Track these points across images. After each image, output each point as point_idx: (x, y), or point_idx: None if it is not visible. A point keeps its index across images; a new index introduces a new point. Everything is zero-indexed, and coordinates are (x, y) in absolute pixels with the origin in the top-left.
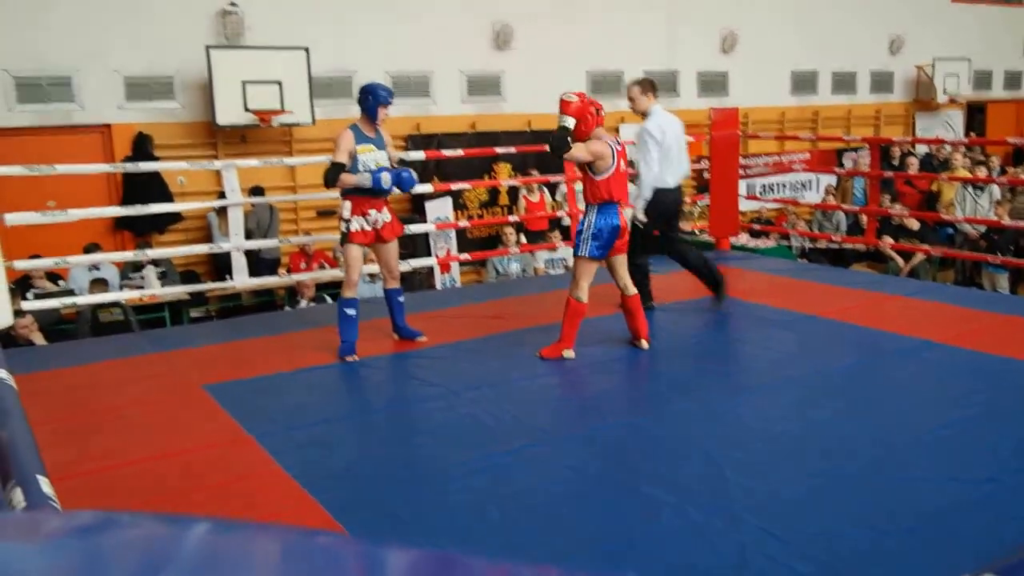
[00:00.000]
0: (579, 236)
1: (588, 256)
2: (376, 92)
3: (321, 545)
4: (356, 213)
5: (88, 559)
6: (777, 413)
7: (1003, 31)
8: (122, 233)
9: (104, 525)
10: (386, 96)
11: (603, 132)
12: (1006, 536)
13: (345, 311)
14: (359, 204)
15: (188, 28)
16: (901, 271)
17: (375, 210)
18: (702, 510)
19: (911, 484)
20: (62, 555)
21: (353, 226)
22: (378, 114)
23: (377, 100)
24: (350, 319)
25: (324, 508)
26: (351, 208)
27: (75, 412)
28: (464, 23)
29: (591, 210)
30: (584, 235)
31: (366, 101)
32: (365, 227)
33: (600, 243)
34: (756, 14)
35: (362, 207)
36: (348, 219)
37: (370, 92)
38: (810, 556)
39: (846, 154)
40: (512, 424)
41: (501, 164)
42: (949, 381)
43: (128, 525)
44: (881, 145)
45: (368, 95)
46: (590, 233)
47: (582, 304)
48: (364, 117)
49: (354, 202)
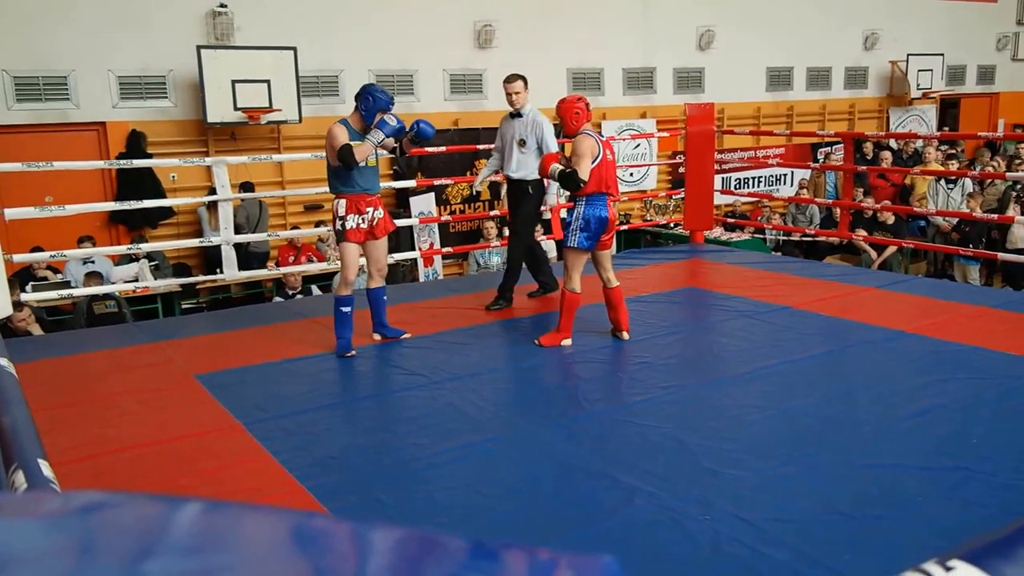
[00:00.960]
0: (568, 227)
1: (577, 247)
2: (378, 97)
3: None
4: (351, 211)
5: (85, 536)
6: (751, 402)
7: (976, 27)
8: (116, 227)
9: (100, 505)
10: (387, 102)
11: (589, 127)
12: (975, 522)
13: (341, 309)
14: (354, 201)
15: (180, 29)
16: (874, 263)
17: (371, 207)
18: (677, 497)
19: (882, 471)
20: (61, 533)
21: (349, 224)
22: (375, 118)
23: (378, 105)
24: (346, 316)
25: (311, 493)
26: (346, 206)
27: (70, 400)
28: (447, 23)
29: (580, 201)
30: (573, 226)
31: (366, 102)
32: (361, 224)
33: (588, 234)
34: (732, 12)
35: (357, 204)
36: (343, 216)
37: (371, 95)
38: (782, 542)
39: (820, 148)
40: (493, 413)
41: (483, 160)
42: (920, 370)
43: (123, 504)
44: (855, 139)
45: (369, 97)
46: (578, 224)
47: (576, 294)
48: (357, 116)
49: (348, 200)
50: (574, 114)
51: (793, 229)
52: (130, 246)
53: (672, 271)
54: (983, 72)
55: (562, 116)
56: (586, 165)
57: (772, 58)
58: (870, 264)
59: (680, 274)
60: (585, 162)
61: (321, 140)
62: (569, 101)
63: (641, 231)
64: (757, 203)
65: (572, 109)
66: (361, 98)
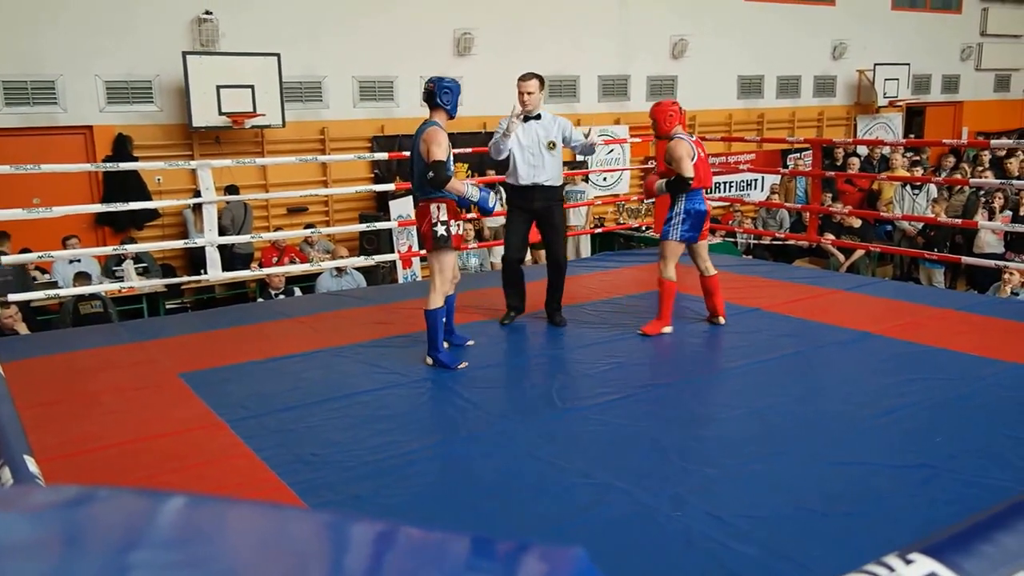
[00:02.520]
0: (669, 223)
1: (680, 239)
2: (453, 88)
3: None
4: (452, 217)
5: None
6: (722, 401)
7: (941, 37)
8: (102, 229)
9: (86, 498)
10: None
11: (680, 129)
12: (940, 518)
13: (439, 322)
14: (452, 208)
15: (166, 35)
16: (841, 266)
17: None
18: (650, 494)
19: (850, 469)
20: (47, 525)
21: (453, 229)
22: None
23: (455, 95)
24: (440, 327)
25: (292, 490)
26: (448, 211)
27: (56, 398)
28: (427, 31)
29: (680, 198)
30: (674, 220)
31: (446, 96)
32: (458, 231)
33: (688, 227)
34: (705, 22)
35: (455, 212)
36: (446, 221)
37: (449, 88)
38: (753, 537)
39: (790, 155)
40: (471, 411)
41: (459, 164)
42: (886, 371)
43: (109, 498)
44: (823, 146)
45: (449, 91)
46: (680, 218)
47: (673, 283)
48: (444, 113)
49: (449, 205)
50: (668, 116)
51: (763, 233)
52: (117, 247)
53: (645, 273)
54: (948, 81)
55: (656, 118)
56: (688, 165)
57: (743, 67)
58: (838, 267)
59: (653, 276)
60: (686, 162)
61: (304, 144)
62: (664, 105)
63: (615, 234)
64: (728, 207)
65: (666, 112)
66: (440, 94)
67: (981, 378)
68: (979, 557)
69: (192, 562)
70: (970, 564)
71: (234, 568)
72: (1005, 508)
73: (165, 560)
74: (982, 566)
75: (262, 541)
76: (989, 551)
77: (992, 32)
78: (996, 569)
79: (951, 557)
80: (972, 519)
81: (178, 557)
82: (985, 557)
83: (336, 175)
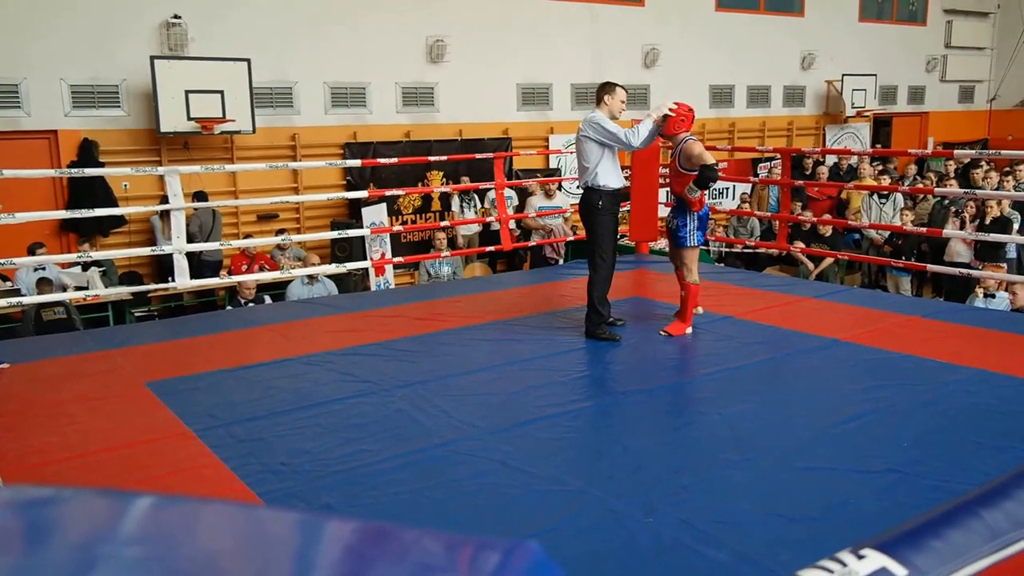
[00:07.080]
0: (683, 229)
1: (698, 244)
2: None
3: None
4: None
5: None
6: (692, 408)
7: (907, 49)
8: (67, 235)
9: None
10: None
11: (687, 133)
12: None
13: None
14: None
15: (133, 39)
16: (811, 274)
17: None
18: (621, 500)
19: (817, 474)
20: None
21: None
22: None
23: None
24: None
25: (262, 500)
26: None
27: (18, 407)
28: (400, 38)
29: (688, 208)
30: (689, 227)
31: None
32: None
33: (700, 231)
34: (676, 32)
35: None
36: None
37: None
38: (722, 542)
39: (760, 163)
40: (443, 419)
41: (434, 172)
42: (854, 377)
43: (74, 499)
44: (793, 155)
45: None
46: (694, 225)
47: (698, 286)
48: None
49: None
50: (679, 121)
51: (734, 241)
52: (79, 254)
53: (618, 281)
54: (913, 92)
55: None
56: (708, 155)
57: (714, 76)
58: (808, 275)
59: (626, 284)
60: (707, 154)
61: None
62: (682, 108)
63: None
64: None
65: (679, 116)
66: None
67: (946, 384)
68: (928, 552)
69: (159, 556)
70: (919, 559)
71: (200, 562)
72: (953, 506)
73: (132, 555)
74: (931, 561)
75: (227, 537)
76: (938, 547)
77: (956, 44)
78: (944, 564)
79: (902, 552)
80: (922, 516)
81: (145, 552)
82: (934, 552)
83: (307, 182)
